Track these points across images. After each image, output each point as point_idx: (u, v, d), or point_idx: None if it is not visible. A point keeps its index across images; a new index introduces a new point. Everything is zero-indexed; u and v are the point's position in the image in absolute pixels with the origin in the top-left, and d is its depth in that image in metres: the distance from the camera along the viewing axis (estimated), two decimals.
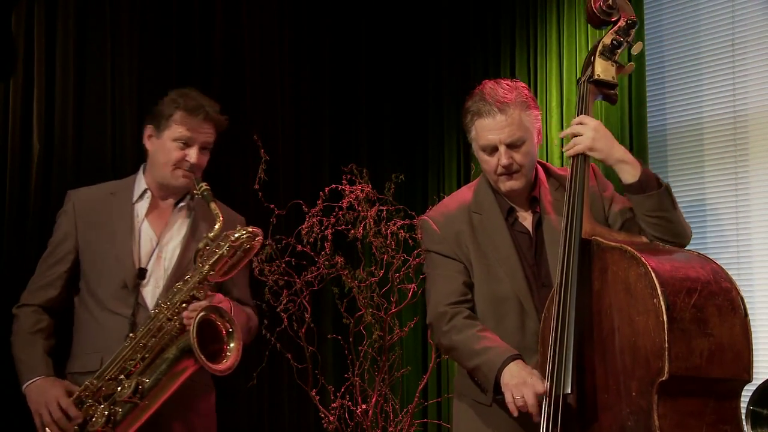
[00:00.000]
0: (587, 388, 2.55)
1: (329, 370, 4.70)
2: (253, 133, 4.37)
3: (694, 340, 2.38)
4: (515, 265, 2.79)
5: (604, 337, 2.52)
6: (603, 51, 2.77)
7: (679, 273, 2.44)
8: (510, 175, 2.78)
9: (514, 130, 2.74)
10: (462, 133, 5.07)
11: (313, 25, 5.29)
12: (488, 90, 2.80)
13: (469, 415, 2.85)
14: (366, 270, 4.32)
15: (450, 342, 2.79)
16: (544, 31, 4.72)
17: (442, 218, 2.90)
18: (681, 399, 2.39)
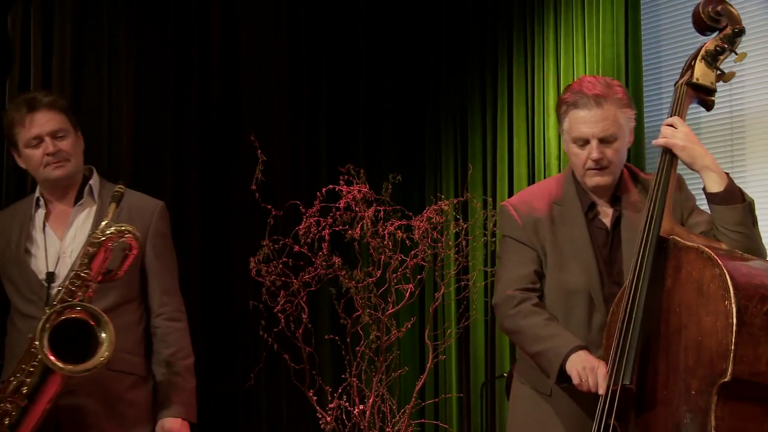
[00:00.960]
0: (648, 383, 2.55)
1: (326, 371, 4.69)
2: (251, 134, 4.35)
3: (762, 347, 2.35)
4: (589, 260, 2.78)
5: (670, 334, 2.52)
6: (705, 56, 2.73)
7: (756, 280, 2.41)
8: (599, 170, 2.76)
9: (608, 125, 2.72)
10: (460, 133, 5.15)
11: (311, 26, 5.30)
12: (587, 84, 2.78)
13: (529, 400, 2.88)
14: (363, 270, 4.30)
15: (515, 325, 2.80)
16: (541, 32, 4.74)
17: (523, 206, 2.89)
18: (740, 403, 2.38)
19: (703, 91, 2.73)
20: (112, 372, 2.83)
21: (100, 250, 2.74)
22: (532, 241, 2.83)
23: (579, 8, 4.55)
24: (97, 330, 2.70)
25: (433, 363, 4.45)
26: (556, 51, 4.65)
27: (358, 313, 4.28)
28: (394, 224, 4.29)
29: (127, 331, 2.92)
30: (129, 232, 2.75)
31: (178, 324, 3.04)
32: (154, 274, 3.04)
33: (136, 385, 2.98)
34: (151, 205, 3.10)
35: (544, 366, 2.71)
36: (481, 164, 5.00)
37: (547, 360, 2.68)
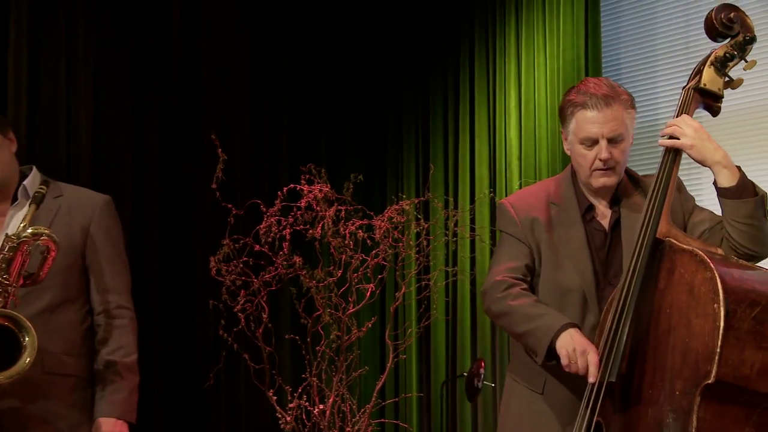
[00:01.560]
0: (634, 381, 2.56)
1: (286, 371, 4.68)
2: (211, 133, 4.31)
3: (748, 351, 2.36)
4: (585, 260, 2.79)
5: (659, 334, 2.53)
6: (714, 62, 2.70)
7: (746, 284, 2.42)
8: (606, 170, 2.75)
9: (617, 125, 2.72)
10: (421, 134, 5.15)
11: (273, 25, 5.28)
12: (593, 84, 2.78)
13: (522, 399, 2.87)
14: (324, 270, 4.29)
15: (505, 307, 2.78)
16: (502, 34, 4.78)
17: (521, 204, 2.90)
18: (723, 405, 2.39)
19: (710, 96, 2.71)
20: (50, 375, 2.77)
21: (17, 254, 2.67)
22: (527, 239, 2.84)
23: (540, 11, 4.59)
24: (20, 335, 2.64)
25: (394, 362, 4.45)
26: (517, 53, 4.69)
27: (319, 312, 4.26)
28: (355, 224, 4.28)
29: (67, 331, 2.85)
30: (45, 235, 2.68)
31: (121, 321, 2.94)
32: (95, 270, 2.95)
33: (78, 386, 2.89)
34: (93, 201, 3.01)
35: (532, 345, 2.70)
36: (442, 164, 5.02)
37: (536, 338, 2.67)
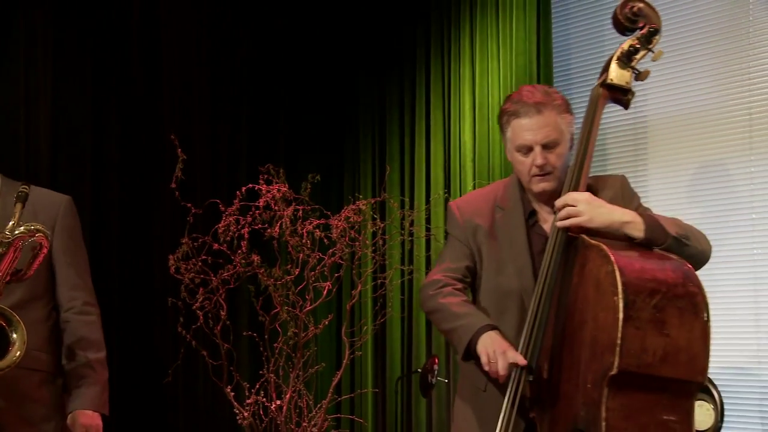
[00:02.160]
0: (553, 376, 2.60)
1: (244, 367, 4.70)
2: (171, 133, 4.32)
3: (649, 339, 2.39)
4: (525, 264, 2.79)
5: (574, 329, 2.56)
6: (620, 57, 2.74)
7: (646, 274, 2.45)
8: (543, 176, 2.76)
9: (550, 131, 2.73)
10: (378, 135, 5.19)
11: (233, 26, 5.29)
12: (526, 93, 2.78)
13: (468, 395, 2.91)
14: (282, 268, 4.31)
15: (435, 304, 2.83)
16: (457, 39, 4.83)
17: (467, 206, 2.93)
18: (631, 394, 2.42)
19: (618, 91, 2.75)
20: (19, 369, 2.77)
21: (10, 249, 2.69)
22: (469, 242, 2.87)
23: (493, 17, 4.65)
24: (9, 330, 2.68)
25: (350, 359, 4.49)
26: (471, 57, 4.73)
27: (277, 310, 4.29)
28: (312, 223, 4.32)
29: (35, 328, 2.86)
30: (40, 231, 2.71)
31: (89, 317, 2.99)
32: (61, 269, 2.99)
33: (44, 382, 2.93)
34: (56, 201, 3.05)
35: (455, 342, 2.75)
36: (398, 165, 5.06)
37: (458, 336, 2.71)
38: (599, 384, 2.41)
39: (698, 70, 4.18)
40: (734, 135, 4.07)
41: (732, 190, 4.07)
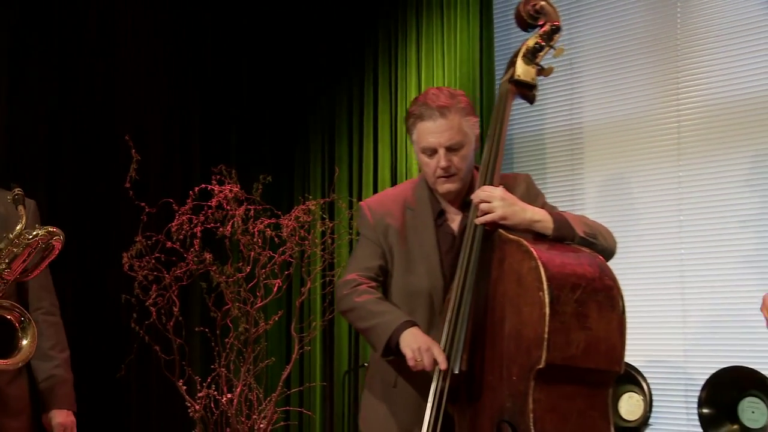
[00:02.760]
0: (476, 368, 2.59)
1: (196, 362, 4.69)
2: (126, 133, 4.34)
3: (573, 333, 2.42)
4: (434, 264, 2.78)
5: (495, 322, 2.55)
6: (525, 53, 2.76)
7: (567, 269, 2.47)
8: (448, 177, 2.76)
9: (453, 134, 2.72)
10: (327, 138, 5.23)
11: (188, 28, 5.26)
12: (431, 96, 2.77)
13: (378, 391, 2.89)
14: (233, 266, 4.34)
15: (350, 303, 2.79)
16: (404, 47, 4.87)
17: (378, 207, 2.90)
18: (555, 385, 2.44)
19: (525, 87, 2.76)
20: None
21: (25, 250, 2.72)
22: (380, 241, 2.84)
23: (439, 26, 4.70)
24: (20, 332, 2.73)
25: (299, 354, 4.52)
26: (417, 64, 4.77)
27: (228, 306, 4.32)
28: (263, 222, 4.35)
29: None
30: (57, 235, 2.74)
31: (55, 318, 3.04)
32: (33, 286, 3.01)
33: (15, 378, 2.95)
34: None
35: (374, 340, 2.72)
36: (347, 167, 5.08)
37: (377, 334, 2.69)
38: (526, 376, 2.43)
39: (630, 80, 4.26)
40: (664, 141, 4.15)
41: (661, 194, 4.15)
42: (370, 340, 2.77)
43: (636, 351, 4.02)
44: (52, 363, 2.98)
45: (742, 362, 3.70)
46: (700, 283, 4.03)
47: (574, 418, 2.45)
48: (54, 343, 3.02)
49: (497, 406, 2.52)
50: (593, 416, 2.48)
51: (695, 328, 4.04)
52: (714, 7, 4.03)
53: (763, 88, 3.86)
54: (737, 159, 3.93)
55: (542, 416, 2.41)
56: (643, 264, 4.18)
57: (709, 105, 4.02)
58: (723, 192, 3.98)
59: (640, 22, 4.26)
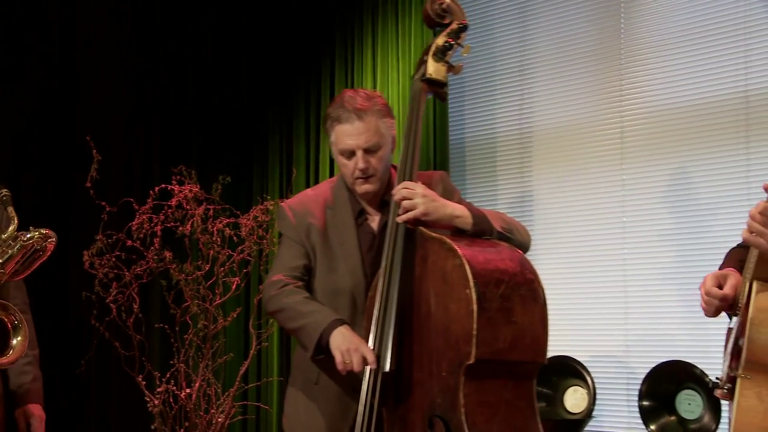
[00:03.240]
0: (405, 365, 2.58)
1: (156, 358, 4.70)
2: (87, 134, 4.35)
3: (499, 327, 2.44)
4: (356, 263, 2.79)
5: (422, 319, 2.56)
6: (435, 52, 2.75)
7: (491, 265, 2.48)
8: (366, 178, 2.76)
9: (370, 136, 2.72)
10: (285, 139, 5.26)
11: (149, 31, 5.26)
12: (347, 98, 2.76)
13: (301, 388, 2.88)
14: (193, 264, 4.36)
15: (279, 304, 2.77)
16: (360, 53, 4.90)
17: (299, 208, 2.88)
18: (484, 379, 2.45)
19: (436, 84, 2.75)
20: None
21: (20, 252, 2.72)
22: (303, 241, 2.83)
23: (393, 32, 4.74)
24: (12, 333, 2.75)
25: (257, 349, 4.55)
26: (373, 69, 4.82)
27: (187, 303, 4.34)
28: (222, 222, 4.38)
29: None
30: (51, 238, 2.74)
31: (27, 316, 3.00)
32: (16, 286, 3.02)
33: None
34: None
35: (304, 340, 2.71)
36: (304, 169, 5.09)
37: (307, 334, 2.68)
38: (455, 372, 2.44)
39: (577, 87, 4.33)
40: (608, 145, 4.22)
41: (606, 196, 4.21)
42: (301, 341, 2.75)
43: (580, 347, 4.14)
44: (24, 359, 2.96)
45: (679, 357, 3.78)
46: (642, 282, 4.10)
47: (502, 408, 2.48)
48: None
49: (428, 401, 2.53)
50: (520, 406, 2.52)
51: (636, 325, 4.12)
52: (655, 20, 4.11)
53: (701, 96, 3.96)
54: (677, 162, 4.02)
55: (473, 410, 2.43)
56: (588, 263, 4.26)
57: (651, 112, 4.11)
58: (664, 193, 4.05)
59: (586, 32, 4.33)
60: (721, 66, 3.91)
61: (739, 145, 3.84)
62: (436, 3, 2.80)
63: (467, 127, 4.69)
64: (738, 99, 3.86)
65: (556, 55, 4.42)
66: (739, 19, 3.87)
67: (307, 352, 2.70)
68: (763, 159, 3.73)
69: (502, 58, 4.59)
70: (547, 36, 4.46)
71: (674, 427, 3.76)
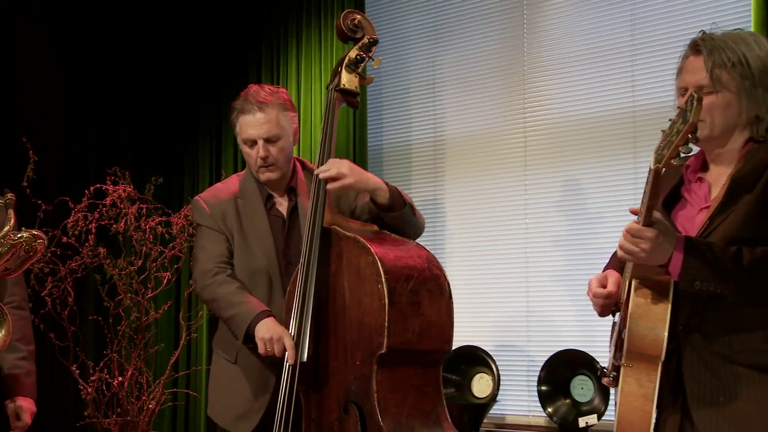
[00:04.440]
0: (321, 355, 2.64)
1: (90, 348, 4.66)
2: (25, 134, 4.30)
3: (409, 319, 2.50)
4: (269, 244, 2.83)
5: (337, 312, 2.61)
6: (348, 64, 2.81)
7: (401, 262, 2.53)
8: (267, 167, 2.81)
9: (271, 127, 2.78)
10: (214, 141, 5.25)
11: (87, 34, 5.17)
12: (252, 92, 2.83)
13: (221, 366, 2.93)
14: (126, 260, 4.35)
15: (212, 294, 2.82)
16: (285, 63, 4.92)
17: (212, 199, 2.92)
18: (395, 367, 2.51)
19: (349, 94, 2.82)
20: None
21: (10, 251, 2.69)
22: (221, 227, 2.87)
23: (316, 43, 4.77)
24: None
25: (186, 340, 4.56)
26: (297, 78, 4.83)
27: (121, 297, 4.32)
28: (155, 220, 4.38)
29: None
30: (41, 239, 2.69)
31: (24, 312, 2.98)
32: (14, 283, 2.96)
33: None
34: None
35: (234, 329, 2.76)
36: (233, 170, 5.03)
37: (237, 324, 2.73)
38: (369, 361, 2.50)
39: (485, 100, 4.41)
40: (512, 154, 4.31)
41: (510, 199, 4.30)
42: (231, 329, 2.79)
43: (486, 337, 4.24)
44: (18, 354, 2.91)
45: (574, 346, 3.91)
46: (542, 278, 4.20)
47: (412, 394, 2.56)
48: (21, 335, 2.94)
49: (343, 388, 2.59)
50: (428, 391, 2.60)
51: (536, 317, 4.22)
52: (554, 42, 4.23)
53: (595, 110, 4.09)
54: (574, 170, 4.15)
55: (385, 396, 2.50)
56: (494, 261, 4.35)
57: (551, 124, 4.22)
58: (561, 198, 4.17)
59: (493, 51, 4.41)
60: (611, 83, 4.05)
61: (627, 156, 3.99)
62: (348, 18, 2.87)
63: (384, 136, 4.75)
64: (627, 114, 4.00)
65: (465, 70, 4.49)
66: (626, 43, 4.02)
67: (237, 340, 2.76)
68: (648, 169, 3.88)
69: (416, 72, 4.66)
70: (457, 53, 4.53)
71: (568, 409, 3.87)
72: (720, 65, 2.08)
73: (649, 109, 3.93)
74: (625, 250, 2.00)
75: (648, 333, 2.03)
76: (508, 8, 4.39)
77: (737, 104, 2.10)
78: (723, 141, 2.14)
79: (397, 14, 4.76)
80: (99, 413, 4.25)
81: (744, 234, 2.01)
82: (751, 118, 2.11)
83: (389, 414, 2.50)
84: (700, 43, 2.14)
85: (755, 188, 2.04)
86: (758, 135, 2.12)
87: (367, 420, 2.51)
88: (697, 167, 2.23)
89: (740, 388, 2.02)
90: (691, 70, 2.13)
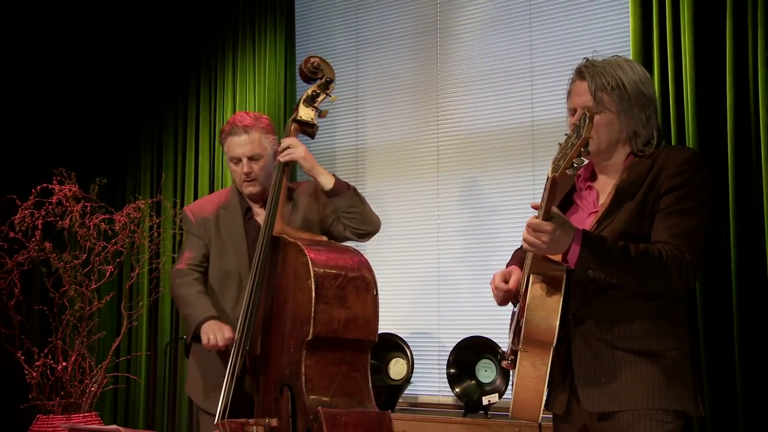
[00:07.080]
0: (264, 344, 2.76)
1: (35, 336, 4.55)
2: None
3: (335, 311, 2.61)
4: (242, 249, 2.96)
5: (278, 307, 2.74)
6: (306, 99, 2.99)
7: (331, 262, 2.65)
8: (250, 181, 2.98)
9: (254, 147, 2.95)
10: (156, 147, 5.18)
11: (36, 39, 5.05)
12: (239, 117, 3.01)
13: (199, 351, 3.02)
14: (71, 254, 4.27)
15: (177, 292, 2.99)
16: (222, 74, 4.87)
17: (197, 209, 3.10)
18: (324, 353, 2.61)
19: (305, 125, 3.00)
20: None
21: None
22: (202, 234, 3.03)
23: (251, 60, 4.74)
24: None
25: (127, 328, 4.49)
26: (233, 90, 4.80)
27: (66, 288, 4.24)
28: (98, 217, 4.30)
29: None
30: None
31: None
32: None
33: None
34: None
35: (187, 326, 2.97)
36: (172, 173, 5.03)
37: (188, 323, 2.94)
38: (299, 347, 2.61)
39: (402, 112, 4.44)
40: (426, 160, 4.34)
41: (425, 201, 4.34)
42: (186, 325, 2.99)
43: (402, 325, 4.26)
44: None
45: (479, 333, 3.96)
46: (451, 272, 4.24)
47: (339, 378, 2.64)
48: None
49: (280, 373, 2.70)
50: (355, 376, 2.68)
51: (447, 307, 4.25)
52: (463, 62, 4.29)
53: (499, 123, 4.15)
54: (479, 176, 4.21)
55: (312, 378, 2.60)
56: (408, 257, 4.39)
57: (461, 134, 4.27)
58: (469, 201, 4.23)
59: (410, 68, 4.45)
60: (513, 100, 4.13)
61: (527, 165, 4.06)
62: (308, 63, 3.01)
63: (312, 143, 4.63)
64: (526, 127, 4.09)
65: (385, 85, 4.52)
66: (526, 64, 4.11)
67: (188, 337, 2.93)
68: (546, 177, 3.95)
69: (341, 86, 4.50)
70: (378, 70, 4.57)
71: (473, 389, 3.93)
72: (601, 88, 2.17)
73: (546, 123, 4.01)
74: (528, 243, 2.05)
75: (542, 322, 2.09)
76: (423, 31, 4.43)
77: (618, 122, 2.19)
78: (608, 155, 2.23)
79: (325, 34, 4.75)
80: (43, 396, 4.13)
81: (628, 231, 2.10)
82: (630, 134, 2.20)
83: (316, 393, 2.58)
84: (583, 69, 2.22)
85: (636, 196, 2.13)
86: (637, 149, 2.20)
87: (296, 399, 2.58)
88: (587, 177, 2.30)
89: (619, 370, 2.10)
90: (578, 93, 2.22)
